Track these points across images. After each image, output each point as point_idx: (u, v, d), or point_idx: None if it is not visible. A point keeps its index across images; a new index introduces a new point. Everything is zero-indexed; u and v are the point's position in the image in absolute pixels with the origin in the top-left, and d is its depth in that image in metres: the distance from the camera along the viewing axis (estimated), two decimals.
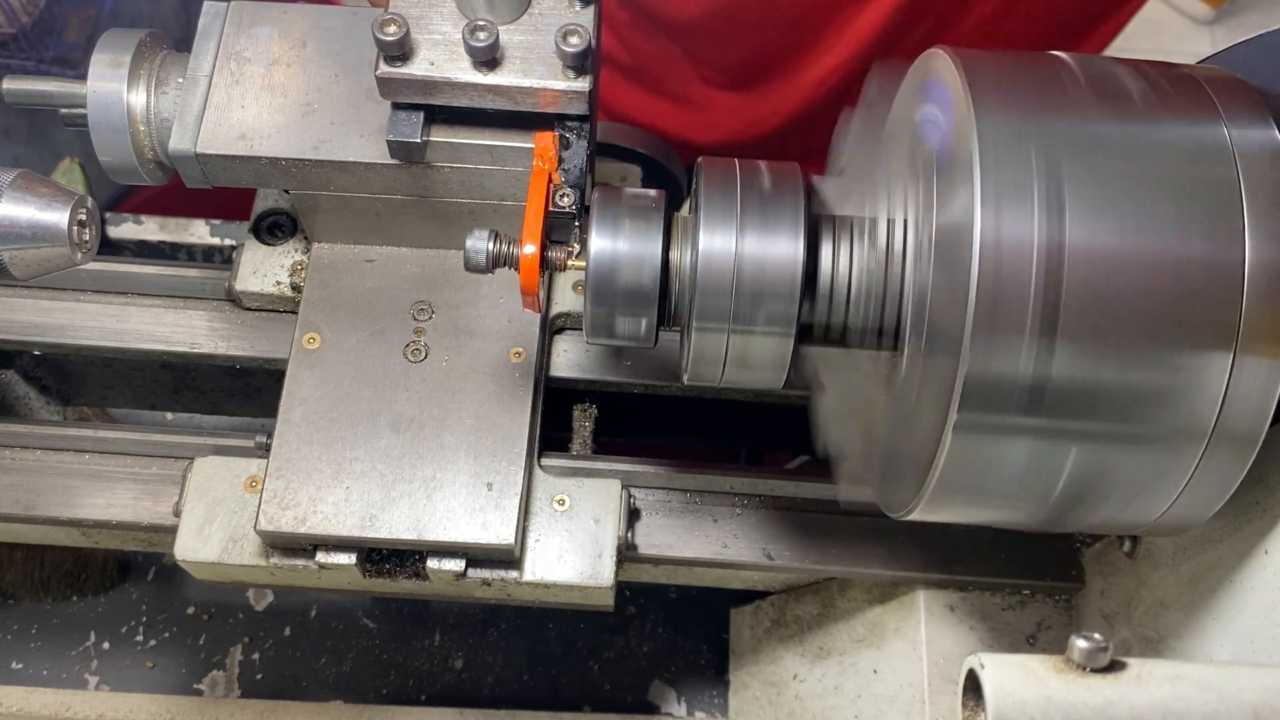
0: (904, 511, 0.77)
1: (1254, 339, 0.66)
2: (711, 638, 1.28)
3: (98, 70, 0.89)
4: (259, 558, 0.92)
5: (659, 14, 1.41)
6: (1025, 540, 1.02)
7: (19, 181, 0.75)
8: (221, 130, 0.90)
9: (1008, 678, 0.60)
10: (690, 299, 0.76)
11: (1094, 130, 0.68)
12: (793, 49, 1.43)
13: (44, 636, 1.27)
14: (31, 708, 1.18)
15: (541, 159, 0.83)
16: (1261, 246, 0.66)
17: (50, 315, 1.04)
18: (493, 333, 0.97)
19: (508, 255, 0.78)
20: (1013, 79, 0.71)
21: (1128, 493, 0.72)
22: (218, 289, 1.05)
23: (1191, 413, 0.68)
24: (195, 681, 1.25)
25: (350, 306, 0.98)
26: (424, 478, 0.91)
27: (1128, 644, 0.94)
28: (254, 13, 0.94)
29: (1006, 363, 0.66)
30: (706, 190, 0.77)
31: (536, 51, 0.86)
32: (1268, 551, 0.79)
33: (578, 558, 0.93)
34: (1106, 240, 0.66)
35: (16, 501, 0.99)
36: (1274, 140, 0.69)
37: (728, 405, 1.10)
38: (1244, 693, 0.60)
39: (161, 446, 1.00)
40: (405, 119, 0.88)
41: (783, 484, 1.02)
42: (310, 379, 0.95)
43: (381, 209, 0.96)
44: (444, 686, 1.25)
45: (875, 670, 1.04)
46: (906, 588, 1.03)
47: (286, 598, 1.29)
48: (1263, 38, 0.77)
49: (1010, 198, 0.65)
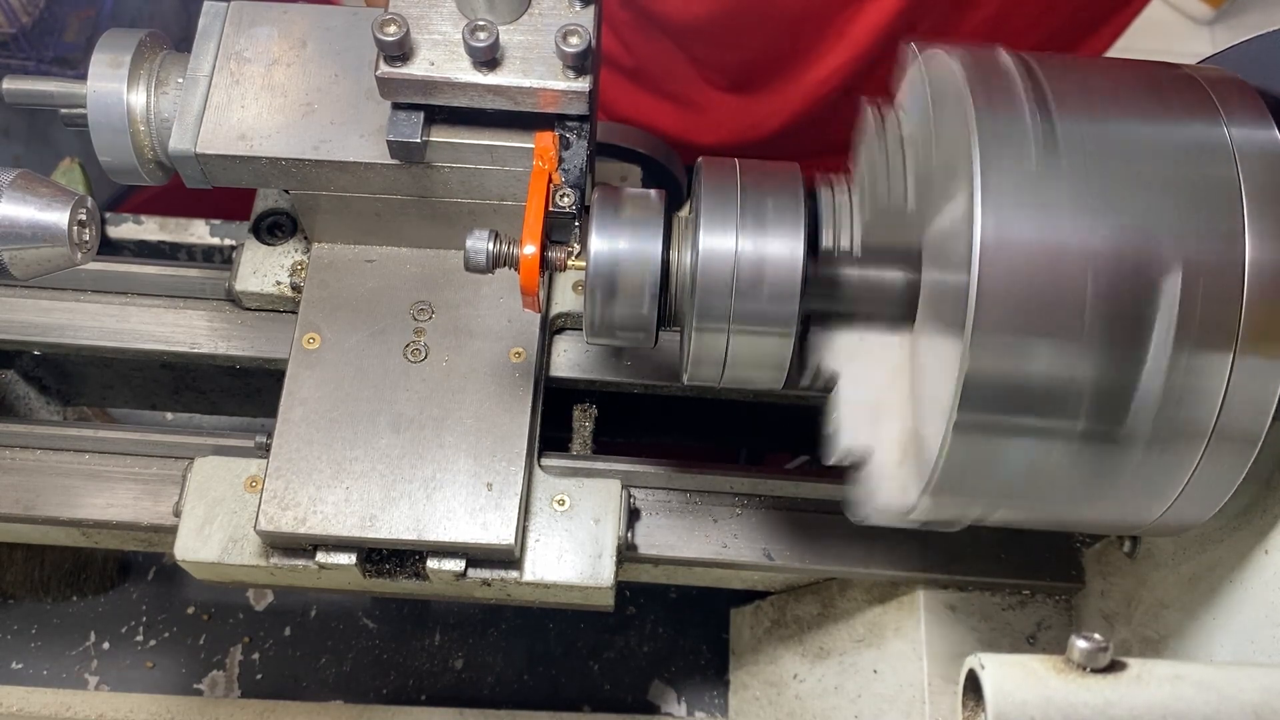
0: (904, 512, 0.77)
1: (1254, 339, 0.66)
2: (711, 638, 1.28)
3: (98, 70, 0.89)
4: (259, 558, 0.92)
5: (659, 15, 1.41)
6: (1025, 540, 1.02)
7: (19, 181, 0.75)
8: (221, 130, 0.90)
9: (1008, 678, 0.60)
10: (690, 299, 0.76)
11: (1094, 130, 0.68)
12: (794, 50, 1.43)
13: (44, 636, 1.27)
14: (31, 708, 1.18)
15: (541, 159, 0.83)
16: (1261, 246, 0.66)
17: (50, 315, 1.04)
18: (493, 333, 0.97)
19: (508, 255, 0.78)
20: (1012, 78, 0.71)
21: (1128, 493, 0.72)
22: (218, 289, 1.05)
23: (1191, 413, 0.68)
24: (195, 681, 1.25)
25: (350, 306, 0.98)
26: (424, 478, 0.91)
27: (1128, 644, 0.94)
28: (254, 13, 0.94)
29: (1006, 363, 0.66)
30: (706, 190, 0.77)
31: (536, 51, 0.86)
32: (1268, 551, 0.79)
33: (578, 558, 0.93)
34: (1106, 240, 0.66)
35: (16, 501, 0.98)
36: (1274, 140, 0.69)
37: (728, 405, 1.10)
38: (1244, 693, 0.60)
39: (161, 446, 1.00)
40: (405, 119, 0.88)
41: (783, 484, 1.02)
42: (310, 379, 0.95)
43: (381, 209, 0.96)
44: (444, 686, 1.25)
45: (875, 670, 1.04)
46: (906, 588, 1.03)
47: (286, 598, 1.29)
48: (1263, 38, 0.77)
49: (1010, 198, 0.65)
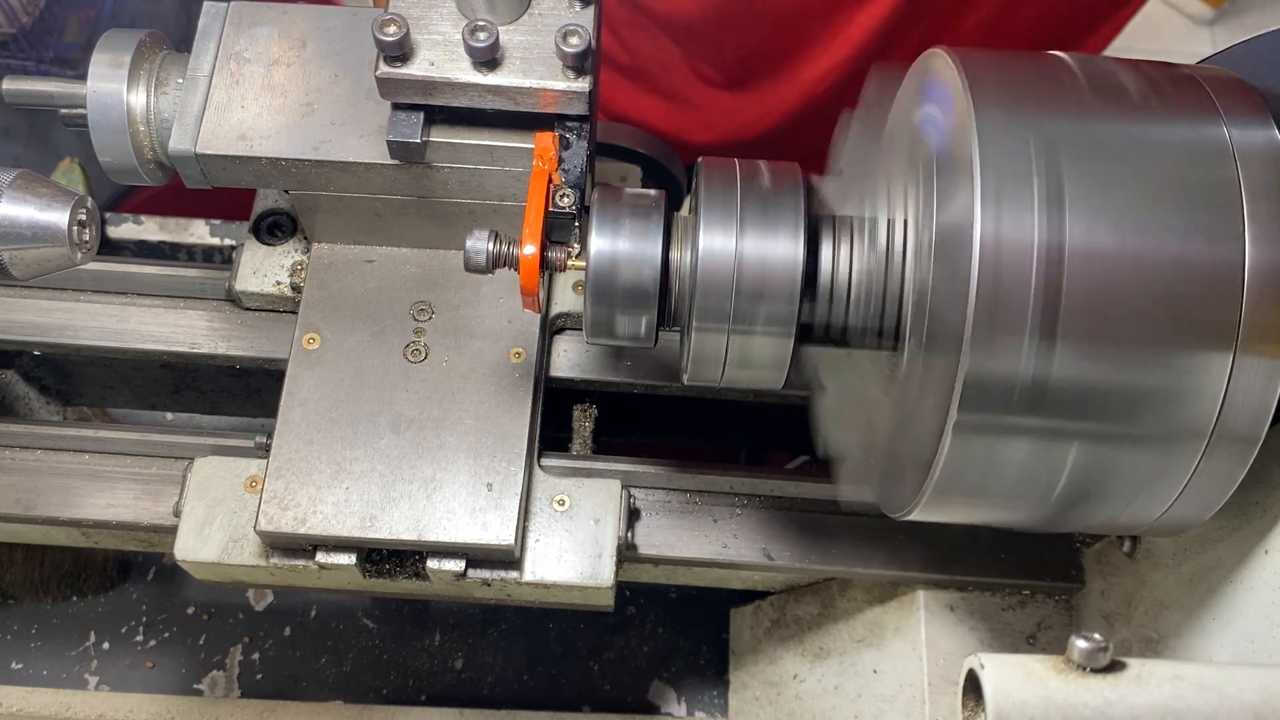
0: (904, 511, 0.77)
1: (1254, 339, 0.66)
2: (711, 638, 1.28)
3: (98, 70, 0.89)
4: (259, 558, 0.92)
5: (656, 12, 1.40)
6: (1025, 540, 1.02)
7: (19, 181, 0.75)
8: (221, 130, 0.90)
9: (1008, 678, 0.60)
10: (690, 299, 0.76)
11: (1094, 130, 0.68)
12: (791, 48, 1.43)
13: (44, 636, 1.27)
14: (31, 708, 1.18)
15: (541, 159, 0.83)
16: (1261, 246, 0.66)
17: (50, 315, 1.04)
18: (493, 333, 0.97)
19: (508, 255, 0.78)
20: (1013, 79, 0.71)
21: (1128, 493, 0.72)
22: (218, 289, 1.05)
23: (1191, 413, 0.68)
24: (195, 681, 1.25)
25: (350, 307, 0.98)
26: (424, 478, 0.91)
27: (1128, 644, 0.94)
28: (254, 13, 0.94)
29: (1006, 363, 0.66)
30: (706, 190, 0.77)
31: (536, 52, 0.86)
32: (1268, 551, 0.79)
33: (578, 558, 0.93)
34: (1106, 240, 0.66)
35: (16, 501, 0.98)
36: (1274, 140, 0.69)
37: (728, 405, 1.10)
38: (1244, 693, 0.60)
39: (161, 446, 1.00)
40: (405, 119, 0.88)
41: (783, 484, 1.02)
42: (310, 379, 0.95)
43: (381, 209, 0.96)
44: (444, 686, 1.25)
45: (875, 670, 1.04)
46: (906, 588, 1.03)
47: (286, 598, 1.29)
48: (1263, 38, 0.77)
49: (1010, 198, 0.65)
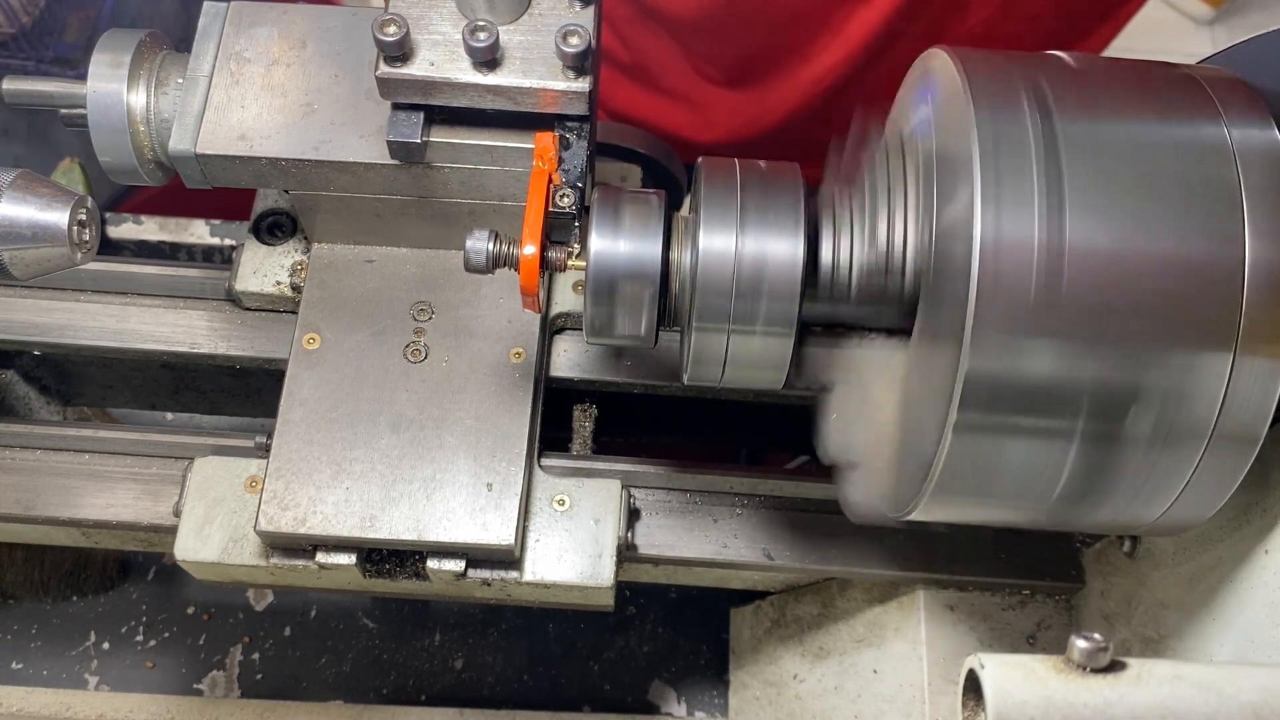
0: (904, 511, 0.77)
1: (1254, 339, 0.66)
2: (711, 638, 1.28)
3: (98, 70, 0.89)
4: (259, 558, 0.92)
5: (658, 10, 1.41)
6: (1025, 540, 1.02)
7: (19, 181, 0.75)
8: (221, 130, 0.90)
9: (1008, 678, 0.60)
10: (690, 299, 0.76)
11: (1094, 130, 0.68)
12: (791, 46, 1.43)
13: (44, 636, 1.27)
14: (31, 708, 1.18)
15: (541, 159, 0.83)
16: (1261, 246, 0.66)
17: (50, 315, 1.04)
18: (493, 333, 0.97)
19: (508, 255, 0.78)
20: (1012, 78, 0.71)
21: (1128, 493, 0.72)
22: (218, 289, 1.05)
23: (1191, 412, 0.68)
24: (195, 681, 1.25)
25: (350, 307, 0.98)
26: (424, 478, 0.91)
27: (1128, 644, 0.94)
28: (254, 13, 0.94)
29: (1006, 363, 0.66)
30: (707, 190, 0.77)
31: (536, 52, 0.86)
32: (1268, 551, 0.79)
33: (578, 558, 0.93)
34: (1106, 240, 0.66)
35: (16, 501, 0.98)
36: (1274, 140, 0.69)
37: (728, 405, 1.10)
38: (1244, 693, 0.60)
39: (161, 446, 1.00)
40: (405, 119, 0.88)
41: (783, 484, 1.02)
42: (310, 379, 0.95)
43: (381, 209, 0.96)
44: (444, 686, 1.25)
45: (875, 670, 1.04)
46: (906, 588, 1.03)
47: (286, 598, 1.29)
48: (1263, 38, 0.77)
49: (1010, 198, 0.65)
